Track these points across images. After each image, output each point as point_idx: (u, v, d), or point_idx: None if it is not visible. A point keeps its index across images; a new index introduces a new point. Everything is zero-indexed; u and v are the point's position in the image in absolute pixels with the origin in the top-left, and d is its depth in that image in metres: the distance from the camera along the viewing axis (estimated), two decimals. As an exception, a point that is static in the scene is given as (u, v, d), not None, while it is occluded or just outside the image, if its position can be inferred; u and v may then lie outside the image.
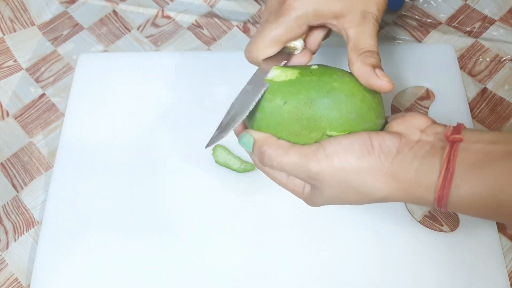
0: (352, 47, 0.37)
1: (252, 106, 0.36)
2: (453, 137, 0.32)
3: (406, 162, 0.33)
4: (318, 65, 0.38)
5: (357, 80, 0.36)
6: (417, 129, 0.35)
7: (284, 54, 0.39)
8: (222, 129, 0.37)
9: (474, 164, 0.31)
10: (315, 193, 0.37)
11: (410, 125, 0.35)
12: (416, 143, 0.34)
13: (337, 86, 0.36)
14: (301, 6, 0.37)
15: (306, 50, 0.40)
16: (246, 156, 0.52)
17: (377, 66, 0.36)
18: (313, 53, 0.41)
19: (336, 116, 0.35)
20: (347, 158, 0.33)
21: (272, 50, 0.39)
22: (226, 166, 0.51)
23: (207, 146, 0.37)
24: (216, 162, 0.52)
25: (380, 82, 0.35)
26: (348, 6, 0.37)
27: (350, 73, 0.37)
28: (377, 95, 0.37)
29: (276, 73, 0.37)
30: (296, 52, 0.40)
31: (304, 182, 0.38)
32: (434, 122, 0.35)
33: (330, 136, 0.35)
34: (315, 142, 0.35)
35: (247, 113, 0.36)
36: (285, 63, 0.39)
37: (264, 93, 0.37)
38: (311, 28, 0.39)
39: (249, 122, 0.38)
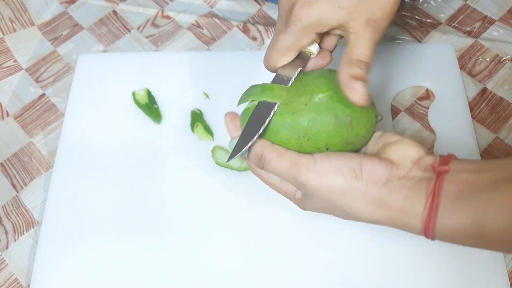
0: (347, 52, 0.38)
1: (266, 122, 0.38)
2: (439, 168, 0.33)
3: (394, 191, 0.34)
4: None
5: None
6: (410, 160, 0.35)
7: (300, 59, 0.40)
8: (244, 141, 0.38)
9: (458, 195, 0.32)
10: (305, 199, 0.38)
11: (403, 155, 0.35)
12: (406, 175, 0.34)
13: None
14: (306, 16, 0.38)
15: (324, 52, 0.41)
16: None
17: (359, 77, 0.36)
18: (331, 51, 0.42)
19: (321, 81, 0.38)
20: (335, 179, 0.34)
21: (286, 59, 0.40)
22: (227, 166, 0.51)
23: (229, 160, 0.39)
24: (216, 163, 0.52)
25: (352, 95, 0.36)
26: (352, 13, 0.37)
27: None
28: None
29: None
30: (312, 56, 0.41)
31: (295, 188, 0.39)
32: (427, 153, 0.35)
33: (318, 99, 0.37)
34: (305, 105, 0.37)
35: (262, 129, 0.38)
36: (301, 70, 0.40)
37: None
38: (322, 34, 0.40)
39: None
